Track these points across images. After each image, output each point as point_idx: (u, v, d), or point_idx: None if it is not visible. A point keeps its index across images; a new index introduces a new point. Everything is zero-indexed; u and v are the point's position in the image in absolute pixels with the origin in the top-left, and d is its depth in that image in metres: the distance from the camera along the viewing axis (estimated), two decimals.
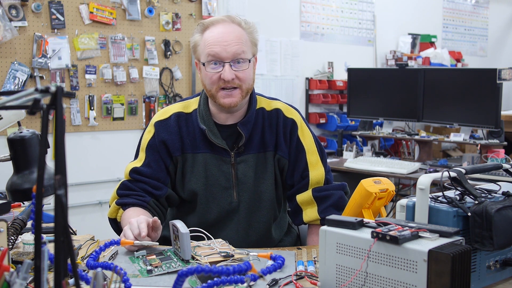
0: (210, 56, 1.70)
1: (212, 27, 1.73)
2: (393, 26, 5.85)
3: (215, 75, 1.71)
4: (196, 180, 1.80)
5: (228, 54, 1.69)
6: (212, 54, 1.70)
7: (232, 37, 1.70)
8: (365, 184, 1.53)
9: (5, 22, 3.36)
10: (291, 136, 1.83)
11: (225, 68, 1.70)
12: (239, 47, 1.70)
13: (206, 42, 1.72)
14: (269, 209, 1.85)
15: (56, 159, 0.73)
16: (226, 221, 1.83)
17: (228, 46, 1.69)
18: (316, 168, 1.83)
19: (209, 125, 1.79)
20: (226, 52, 1.69)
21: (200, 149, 1.80)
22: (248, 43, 1.75)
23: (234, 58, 1.70)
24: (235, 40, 1.70)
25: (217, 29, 1.72)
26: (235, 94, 1.73)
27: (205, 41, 1.72)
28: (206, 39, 1.72)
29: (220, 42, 1.69)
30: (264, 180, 1.82)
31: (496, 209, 1.17)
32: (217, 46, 1.69)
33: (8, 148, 1.52)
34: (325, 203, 1.80)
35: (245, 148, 1.80)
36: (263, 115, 1.84)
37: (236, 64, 1.71)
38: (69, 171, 0.79)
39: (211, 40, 1.71)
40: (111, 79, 3.85)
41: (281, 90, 4.94)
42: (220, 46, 1.69)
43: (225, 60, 1.69)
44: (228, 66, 1.70)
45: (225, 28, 1.72)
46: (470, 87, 3.68)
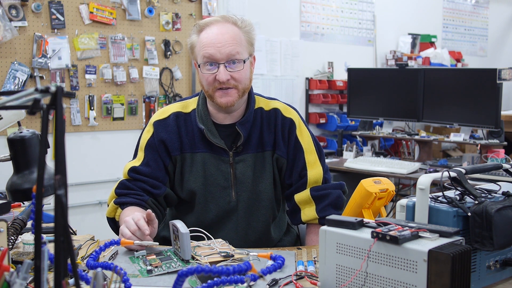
0: (205, 58, 1.71)
1: (208, 28, 1.73)
2: (393, 26, 5.85)
3: (210, 76, 1.72)
4: (194, 179, 1.81)
5: (222, 55, 1.70)
6: (206, 56, 1.71)
7: (226, 38, 1.71)
8: (365, 184, 1.54)
9: (5, 22, 3.36)
10: (289, 136, 1.84)
11: (220, 69, 1.70)
12: (234, 47, 1.70)
13: (201, 44, 1.72)
14: (268, 209, 1.85)
15: (56, 159, 0.73)
16: (225, 220, 1.83)
17: (222, 48, 1.69)
18: (314, 167, 1.83)
19: (208, 124, 1.79)
20: (220, 53, 1.69)
21: (198, 149, 1.80)
22: (244, 42, 1.75)
23: (228, 59, 1.70)
24: (229, 41, 1.70)
25: (212, 30, 1.72)
26: (231, 93, 1.73)
27: (200, 43, 1.73)
28: (201, 41, 1.73)
29: (214, 43, 1.70)
30: (262, 179, 1.83)
31: (496, 209, 1.17)
32: (211, 47, 1.70)
33: (8, 148, 1.52)
34: (323, 202, 1.80)
35: (243, 147, 1.80)
36: (261, 114, 1.84)
37: (231, 65, 1.71)
38: (69, 171, 0.79)
39: (205, 41, 1.71)
40: (111, 79, 3.85)
41: (281, 90, 4.94)
42: (214, 48, 1.69)
43: (220, 61, 1.70)
44: (222, 67, 1.70)
45: (220, 28, 1.72)
46: (470, 87, 3.68)
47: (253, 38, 1.80)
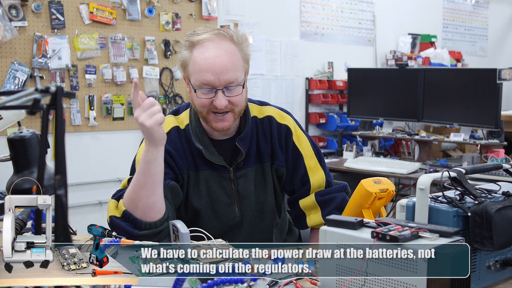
0: (202, 84, 1.63)
1: (202, 47, 1.63)
2: (393, 26, 5.85)
3: (207, 100, 1.64)
4: (198, 199, 1.76)
5: (221, 82, 1.61)
6: (204, 82, 1.62)
7: (225, 62, 1.61)
8: (365, 184, 1.53)
9: (5, 22, 3.36)
10: (287, 143, 1.79)
11: (217, 96, 1.62)
12: (233, 74, 1.62)
13: (197, 65, 1.63)
14: (271, 218, 1.83)
15: (56, 159, 0.73)
16: (229, 234, 1.79)
17: (221, 74, 1.61)
18: (315, 172, 1.80)
19: (205, 143, 1.73)
20: (219, 80, 1.61)
21: (200, 167, 1.75)
22: (241, 63, 1.66)
23: (227, 85, 1.63)
24: (228, 66, 1.62)
25: (208, 52, 1.62)
26: (227, 118, 1.67)
27: (195, 63, 1.64)
28: (196, 61, 1.63)
29: (212, 69, 1.61)
30: (264, 191, 1.80)
31: (496, 209, 1.17)
32: (209, 74, 1.61)
33: (8, 148, 1.52)
34: (329, 207, 1.77)
35: (243, 162, 1.76)
36: (256, 124, 1.78)
37: (229, 90, 1.63)
38: (69, 171, 0.79)
39: (202, 64, 1.62)
40: (111, 79, 3.85)
41: (281, 90, 4.94)
42: (213, 74, 1.61)
43: (218, 87, 1.62)
44: (221, 94, 1.62)
45: (216, 50, 1.62)
46: (470, 87, 3.68)
47: (248, 54, 1.71)
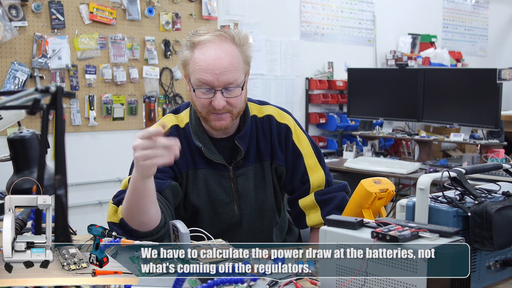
0: (201, 83, 1.63)
1: (203, 47, 1.63)
2: (393, 26, 5.85)
3: (206, 100, 1.65)
4: (197, 197, 1.76)
5: (219, 83, 1.61)
6: (203, 81, 1.62)
7: (225, 64, 1.61)
8: (365, 184, 1.53)
9: (5, 22, 3.36)
10: (286, 142, 1.79)
11: (216, 96, 1.62)
12: (232, 75, 1.62)
13: (197, 66, 1.63)
14: (270, 218, 1.83)
15: (56, 159, 0.73)
16: (228, 233, 1.79)
17: (220, 75, 1.61)
18: (315, 171, 1.80)
19: (204, 141, 1.74)
20: (218, 81, 1.61)
21: (199, 165, 1.75)
22: (242, 64, 1.66)
23: (226, 86, 1.63)
24: (228, 67, 1.61)
25: (208, 52, 1.62)
26: (225, 118, 1.67)
27: (195, 63, 1.64)
28: (197, 61, 1.63)
29: (211, 69, 1.61)
30: (264, 190, 1.80)
31: (496, 209, 1.17)
32: (208, 74, 1.61)
33: (8, 148, 1.52)
34: (329, 206, 1.77)
35: (243, 161, 1.76)
36: (256, 123, 1.79)
37: (228, 91, 1.63)
38: (69, 171, 0.79)
39: (202, 65, 1.62)
40: (111, 79, 3.85)
41: (281, 90, 4.94)
42: (212, 75, 1.61)
43: (217, 88, 1.62)
44: (219, 94, 1.62)
45: (217, 51, 1.62)
46: (470, 87, 3.68)
47: (250, 56, 1.70)
